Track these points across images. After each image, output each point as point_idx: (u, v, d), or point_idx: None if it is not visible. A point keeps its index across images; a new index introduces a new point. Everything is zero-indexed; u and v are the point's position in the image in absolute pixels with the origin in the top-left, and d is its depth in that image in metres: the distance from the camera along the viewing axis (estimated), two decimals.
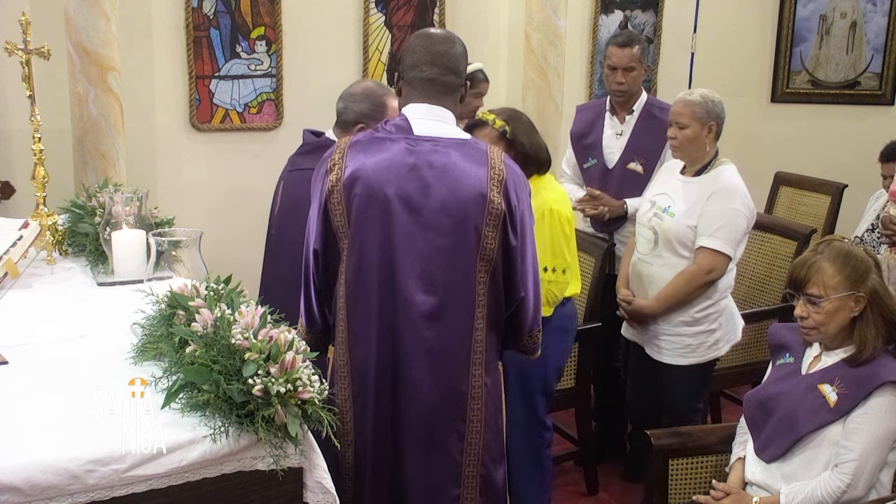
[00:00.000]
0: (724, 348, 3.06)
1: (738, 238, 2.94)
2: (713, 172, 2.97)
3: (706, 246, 2.89)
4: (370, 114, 2.69)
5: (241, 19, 4.38)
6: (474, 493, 2.11)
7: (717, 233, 2.88)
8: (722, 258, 2.90)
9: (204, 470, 1.63)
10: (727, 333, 3.06)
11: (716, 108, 2.96)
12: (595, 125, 3.66)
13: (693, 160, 3.00)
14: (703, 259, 2.90)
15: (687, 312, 2.97)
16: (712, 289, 2.95)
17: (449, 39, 2.13)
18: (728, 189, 2.92)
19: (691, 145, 2.96)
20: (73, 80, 3.75)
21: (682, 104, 2.97)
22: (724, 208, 2.90)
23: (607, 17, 5.28)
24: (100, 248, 2.64)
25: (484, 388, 2.09)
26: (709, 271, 2.90)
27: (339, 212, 2.04)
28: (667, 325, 3.01)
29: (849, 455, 2.16)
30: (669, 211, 2.98)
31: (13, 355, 1.95)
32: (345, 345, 2.08)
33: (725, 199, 2.91)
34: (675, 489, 2.53)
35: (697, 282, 2.91)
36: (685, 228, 2.93)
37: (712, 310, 2.99)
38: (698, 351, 3.01)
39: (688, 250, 2.95)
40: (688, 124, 2.93)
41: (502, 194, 2.02)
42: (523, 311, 2.14)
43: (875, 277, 2.24)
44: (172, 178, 4.33)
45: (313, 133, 2.82)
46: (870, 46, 5.65)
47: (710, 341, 3.01)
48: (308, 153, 2.76)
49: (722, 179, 2.95)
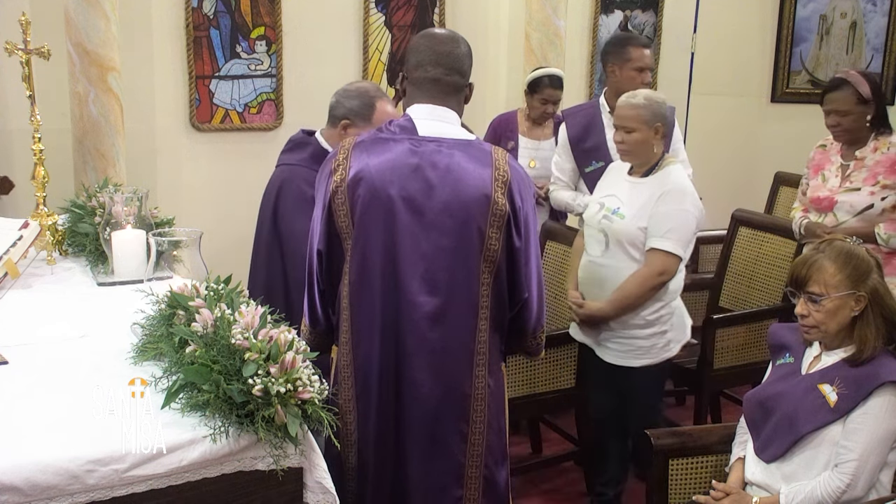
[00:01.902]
0: (674, 349, 3.03)
1: (688, 239, 2.91)
2: (661, 173, 2.94)
3: (657, 247, 2.86)
4: (358, 111, 2.69)
5: (241, 19, 4.39)
6: (477, 493, 2.11)
7: (668, 234, 2.86)
8: (673, 259, 2.87)
9: (204, 470, 1.63)
10: (678, 334, 3.03)
11: (661, 108, 2.93)
12: (592, 128, 3.64)
13: (642, 162, 2.97)
14: (655, 261, 2.87)
15: (640, 315, 2.93)
16: (664, 290, 2.92)
17: (453, 39, 2.13)
18: (678, 190, 2.90)
19: (640, 148, 2.92)
20: (73, 80, 3.75)
21: (628, 108, 2.93)
22: (674, 209, 2.87)
23: (607, 17, 5.29)
24: (100, 248, 2.64)
25: (487, 390, 2.09)
26: (660, 273, 2.87)
27: (343, 212, 2.03)
28: (619, 327, 2.98)
29: (849, 455, 2.16)
30: (619, 213, 2.94)
31: (13, 355, 1.94)
32: (348, 345, 2.08)
33: (675, 200, 2.88)
34: (675, 489, 2.53)
35: (650, 284, 2.88)
36: (635, 230, 2.90)
37: (664, 311, 2.96)
38: (651, 352, 2.98)
39: (639, 252, 2.91)
40: (635, 128, 2.90)
41: (506, 195, 2.02)
42: (527, 312, 2.14)
43: (876, 277, 2.24)
44: (172, 178, 4.33)
45: (305, 132, 2.84)
46: (870, 46, 5.65)
47: (661, 342, 2.98)
48: (289, 150, 2.83)
49: (671, 180, 2.92)
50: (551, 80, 3.99)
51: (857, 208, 3.23)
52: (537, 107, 4.04)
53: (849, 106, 3.21)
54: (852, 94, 3.20)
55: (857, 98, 3.20)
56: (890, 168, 3.19)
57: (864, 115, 3.22)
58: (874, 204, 3.20)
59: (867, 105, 3.21)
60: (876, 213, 3.20)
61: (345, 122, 2.70)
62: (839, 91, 3.24)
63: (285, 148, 2.86)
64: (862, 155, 3.27)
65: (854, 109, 3.21)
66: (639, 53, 3.53)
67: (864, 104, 3.20)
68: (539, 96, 4.01)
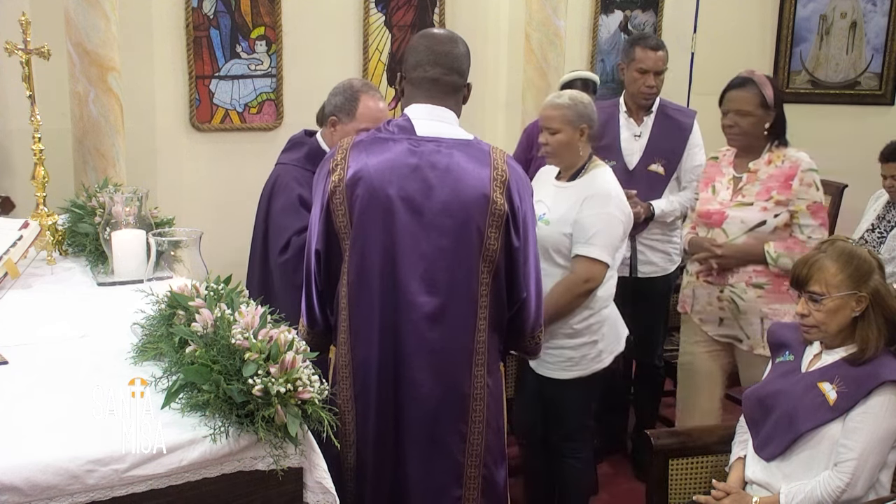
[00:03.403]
0: (606, 360, 2.90)
1: (615, 244, 2.80)
2: (587, 177, 2.84)
3: (582, 254, 2.75)
4: (342, 107, 2.70)
5: (241, 19, 4.39)
6: (476, 493, 2.11)
7: (593, 240, 2.74)
8: (599, 266, 2.75)
9: (204, 470, 1.63)
10: (610, 344, 2.89)
11: (586, 109, 2.84)
12: (608, 127, 3.58)
13: (568, 165, 2.88)
14: (580, 268, 2.76)
15: (567, 324, 2.80)
16: (592, 298, 2.80)
17: (452, 39, 2.13)
18: (602, 194, 2.78)
19: (565, 150, 2.83)
20: (73, 80, 3.75)
21: (552, 108, 2.83)
22: (598, 214, 2.75)
23: (607, 17, 5.29)
24: (100, 248, 2.64)
25: (486, 389, 2.09)
26: (586, 280, 2.75)
27: (342, 212, 2.03)
28: (547, 337, 2.74)
29: (848, 454, 2.16)
30: (544, 219, 2.83)
31: (13, 355, 1.94)
32: (346, 345, 2.08)
33: (599, 204, 2.76)
34: (675, 489, 2.53)
35: (575, 291, 2.75)
36: (560, 236, 2.79)
37: (593, 320, 2.83)
38: (581, 364, 2.84)
39: (564, 259, 2.81)
40: (560, 129, 2.81)
41: (505, 195, 2.02)
42: (525, 311, 2.14)
43: (877, 278, 2.24)
44: (172, 178, 4.33)
45: (306, 132, 2.85)
46: (870, 46, 5.65)
47: (592, 353, 2.85)
48: (287, 150, 2.86)
49: (595, 184, 2.81)
50: (581, 83, 3.82)
51: (748, 224, 2.96)
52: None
53: (750, 107, 2.94)
54: (756, 96, 2.94)
55: (760, 100, 2.94)
56: (784, 183, 2.94)
57: (764, 120, 2.96)
58: (766, 220, 2.94)
59: (768, 111, 2.95)
60: (768, 230, 2.94)
61: (332, 118, 2.72)
62: (742, 90, 2.97)
63: (285, 147, 2.88)
64: (755, 167, 3.00)
65: (755, 112, 2.94)
66: (643, 55, 3.48)
67: (765, 108, 2.94)
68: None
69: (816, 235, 2.89)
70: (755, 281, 2.94)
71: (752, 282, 2.95)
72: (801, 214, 2.92)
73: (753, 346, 2.98)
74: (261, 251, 2.77)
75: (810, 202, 2.93)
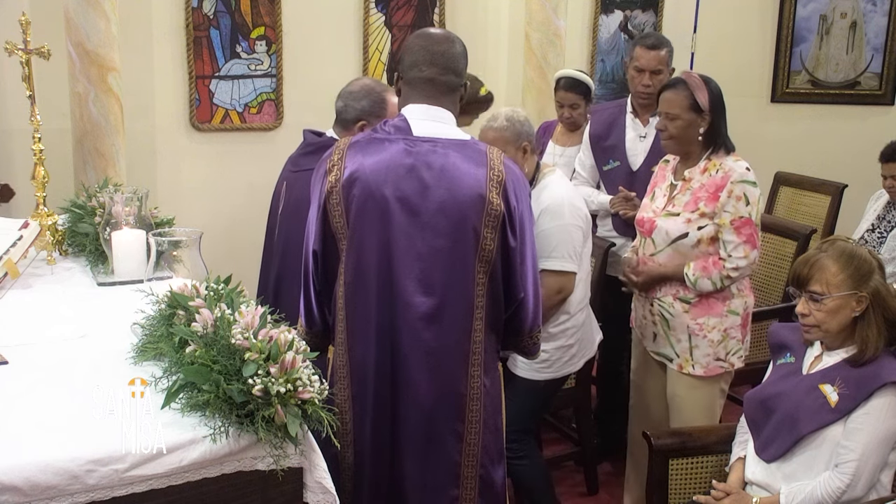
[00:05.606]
0: (578, 363, 2.98)
1: (577, 251, 2.84)
2: (537, 189, 2.86)
3: (548, 268, 2.78)
4: (371, 110, 2.69)
5: (241, 19, 4.39)
6: (473, 493, 2.11)
7: (555, 253, 2.80)
8: (567, 276, 2.82)
9: (204, 470, 1.63)
10: (583, 348, 2.98)
11: (524, 126, 2.83)
12: (614, 126, 3.58)
13: None
14: (549, 282, 2.79)
15: (544, 328, 2.77)
16: (567, 303, 2.88)
17: (448, 39, 2.12)
18: (554, 206, 2.82)
19: None
20: (73, 80, 3.75)
21: (492, 132, 2.81)
22: (553, 227, 2.81)
23: (607, 17, 5.29)
24: (100, 248, 2.64)
25: (483, 389, 2.09)
26: (558, 291, 2.82)
27: (338, 212, 2.03)
28: None
29: (849, 455, 2.16)
30: None
31: (13, 355, 1.94)
32: (344, 345, 2.08)
33: (554, 217, 2.81)
34: (675, 489, 2.53)
35: (549, 303, 2.77)
36: None
37: (569, 324, 2.92)
38: (554, 366, 2.92)
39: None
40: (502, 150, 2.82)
41: (501, 195, 2.02)
42: (523, 311, 2.14)
43: (878, 279, 2.24)
44: (172, 178, 4.33)
45: (314, 133, 2.82)
46: (870, 46, 5.65)
47: (566, 357, 2.94)
48: (311, 153, 2.75)
49: (544, 196, 2.83)
50: (565, 82, 3.81)
51: (671, 236, 2.82)
52: (557, 110, 3.91)
53: (678, 110, 2.78)
54: (685, 98, 2.77)
55: (689, 103, 2.77)
56: (713, 194, 2.76)
57: (695, 125, 2.78)
58: (689, 233, 2.78)
59: (700, 115, 2.77)
60: (690, 243, 2.79)
61: (361, 123, 2.68)
62: (672, 91, 2.82)
63: (305, 151, 2.80)
64: (690, 176, 2.84)
65: (683, 115, 2.78)
66: (640, 53, 3.47)
67: (696, 112, 2.77)
68: (556, 98, 3.89)
69: (737, 254, 2.75)
70: (682, 296, 2.85)
71: (678, 296, 2.86)
72: (725, 229, 2.76)
73: (682, 364, 2.89)
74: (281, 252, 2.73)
75: (735, 217, 2.74)
